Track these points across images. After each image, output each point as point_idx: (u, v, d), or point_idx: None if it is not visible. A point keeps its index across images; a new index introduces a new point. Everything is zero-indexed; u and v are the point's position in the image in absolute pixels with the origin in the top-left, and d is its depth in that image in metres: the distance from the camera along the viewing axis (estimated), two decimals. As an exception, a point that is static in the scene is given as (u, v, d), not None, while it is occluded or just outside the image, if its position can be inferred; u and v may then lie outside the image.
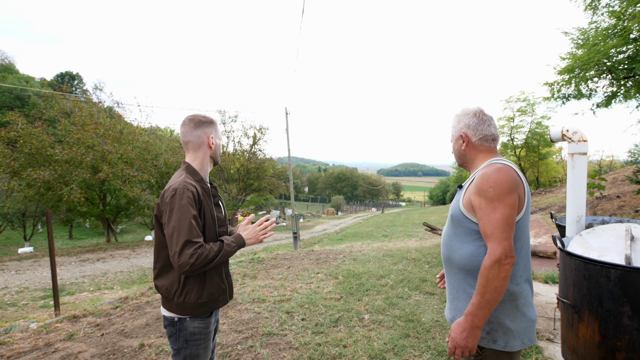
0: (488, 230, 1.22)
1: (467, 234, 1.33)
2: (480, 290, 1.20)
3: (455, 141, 1.51)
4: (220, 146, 1.67)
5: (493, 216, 1.21)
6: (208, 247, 1.39)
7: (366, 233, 16.88)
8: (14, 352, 2.97)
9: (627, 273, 1.72)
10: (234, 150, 26.33)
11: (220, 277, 1.54)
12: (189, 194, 1.40)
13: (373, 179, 79.50)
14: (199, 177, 1.53)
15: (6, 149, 14.43)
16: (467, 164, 1.50)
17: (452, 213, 1.38)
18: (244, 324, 3.39)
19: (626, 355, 1.73)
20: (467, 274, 1.33)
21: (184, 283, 1.44)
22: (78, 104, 17.25)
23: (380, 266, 5.44)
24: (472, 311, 1.21)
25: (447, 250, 1.41)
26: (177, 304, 1.45)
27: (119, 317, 3.80)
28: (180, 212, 1.37)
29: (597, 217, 2.80)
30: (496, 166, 1.27)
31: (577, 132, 2.41)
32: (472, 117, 1.45)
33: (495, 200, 1.21)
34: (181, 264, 1.31)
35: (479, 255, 1.28)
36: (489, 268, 1.18)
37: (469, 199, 1.31)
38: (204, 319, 1.51)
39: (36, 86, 44.56)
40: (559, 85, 11.85)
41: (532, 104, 22.92)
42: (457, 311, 1.37)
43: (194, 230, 1.37)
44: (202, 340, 1.50)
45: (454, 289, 1.40)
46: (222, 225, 1.57)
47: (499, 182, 1.22)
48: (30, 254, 13.89)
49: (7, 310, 5.94)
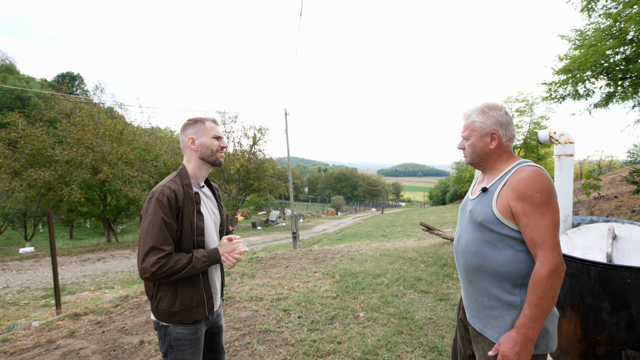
0: (538, 238, 1.16)
1: (501, 240, 1.26)
2: (535, 301, 1.14)
3: (479, 138, 1.35)
4: (212, 145, 1.55)
5: (542, 222, 1.16)
6: (175, 258, 1.34)
7: (365, 233, 16.95)
8: (17, 349, 3.04)
9: (606, 270, 1.79)
10: (234, 151, 26.42)
11: (194, 288, 1.46)
12: (164, 200, 1.36)
13: (373, 179, 79.57)
14: (187, 181, 1.49)
15: (7, 150, 14.52)
16: (486, 164, 1.39)
17: (483, 219, 1.28)
18: (241, 322, 3.46)
19: (605, 349, 1.80)
20: (503, 280, 1.27)
21: (157, 289, 1.43)
22: (78, 105, 17.33)
23: (377, 265, 5.51)
24: (526, 323, 1.15)
25: (477, 259, 1.32)
26: (154, 307, 1.45)
27: (119, 315, 3.88)
28: (152, 216, 1.34)
29: (585, 217, 2.88)
30: (536, 169, 1.21)
31: (564, 134, 2.48)
32: (504, 115, 1.34)
33: (543, 205, 1.16)
34: (142, 269, 1.28)
35: (517, 261, 1.24)
36: (547, 278, 1.13)
37: (506, 204, 1.23)
38: (188, 326, 1.46)
39: (37, 87, 44.68)
40: (557, 86, 11.94)
41: (530, 104, 22.99)
42: (488, 319, 1.30)
43: (162, 236, 1.33)
44: (187, 346, 1.46)
45: (484, 298, 1.32)
46: (200, 234, 1.48)
47: (545, 187, 1.17)
48: (31, 254, 13.97)
49: (9, 310, 6.02)
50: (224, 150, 1.60)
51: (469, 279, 1.38)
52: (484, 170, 1.43)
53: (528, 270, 1.24)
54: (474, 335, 1.40)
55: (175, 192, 1.41)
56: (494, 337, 1.29)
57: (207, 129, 1.55)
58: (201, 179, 1.60)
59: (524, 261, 1.23)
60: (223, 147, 1.58)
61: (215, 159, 1.57)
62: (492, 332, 1.29)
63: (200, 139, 1.53)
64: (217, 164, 1.58)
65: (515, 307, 1.25)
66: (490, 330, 1.30)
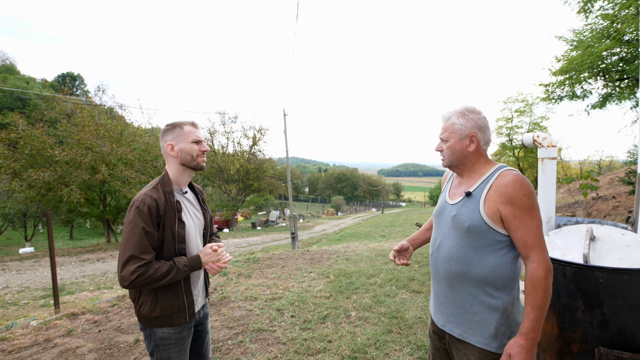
0: (530, 240, 1.20)
1: (488, 245, 1.28)
2: (537, 303, 1.16)
3: (458, 140, 1.37)
4: (192, 150, 1.53)
5: (532, 224, 1.20)
6: (155, 266, 1.36)
7: (364, 233, 17.02)
8: (15, 347, 3.12)
9: (580, 270, 1.85)
10: (234, 151, 26.52)
11: (175, 295, 1.47)
12: (144, 209, 1.37)
13: (373, 180, 79.64)
14: (169, 188, 1.50)
15: (7, 150, 14.62)
16: (464, 166, 1.41)
17: (470, 224, 1.29)
18: (235, 321, 3.53)
19: (580, 346, 1.86)
20: (487, 285, 1.28)
21: (139, 294, 1.47)
22: (79, 106, 17.43)
23: (371, 265, 5.58)
24: (534, 327, 1.16)
25: (462, 265, 1.32)
26: (136, 311, 1.49)
27: (116, 315, 3.95)
28: (132, 225, 1.36)
29: (571, 218, 2.94)
30: (518, 174, 1.26)
31: (547, 138, 2.55)
32: (483, 119, 1.37)
33: (531, 208, 1.20)
34: (121, 277, 1.31)
35: (502, 265, 1.26)
36: (545, 278, 1.16)
37: (495, 208, 1.25)
38: (173, 326, 1.49)
39: (37, 87, 44.79)
40: (554, 87, 12.00)
41: (530, 104, 23.05)
42: (471, 325, 1.31)
43: (142, 245, 1.34)
44: (172, 345, 1.49)
45: (467, 303, 1.33)
46: (182, 242, 1.49)
47: (531, 190, 1.22)
48: (31, 254, 14.06)
49: (9, 309, 6.09)
50: (205, 154, 1.59)
51: (451, 286, 1.37)
52: (462, 172, 1.43)
53: (510, 273, 1.28)
54: (453, 343, 1.39)
55: (157, 200, 1.43)
56: (477, 341, 1.29)
57: (185, 133, 1.53)
58: (184, 184, 1.61)
59: (507, 265, 1.27)
60: (204, 150, 1.57)
61: (197, 164, 1.56)
62: (475, 337, 1.30)
63: (180, 145, 1.52)
64: (199, 168, 1.58)
65: (498, 310, 1.27)
66: (472, 335, 1.31)
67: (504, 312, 1.27)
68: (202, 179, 28.10)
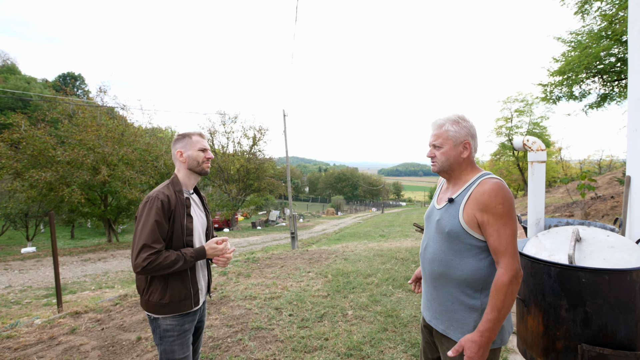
0: (501, 247, 1.25)
1: (467, 249, 1.35)
2: (497, 306, 1.22)
3: (453, 147, 1.42)
4: (198, 157, 1.72)
5: (504, 232, 1.25)
6: (165, 255, 1.51)
7: (364, 233, 17.10)
8: (20, 345, 3.20)
9: (564, 270, 1.93)
10: (234, 151, 26.59)
11: (183, 283, 1.63)
12: (157, 204, 1.55)
13: (373, 179, 79.69)
14: (179, 187, 1.68)
15: (9, 151, 14.71)
16: (454, 172, 1.47)
17: (450, 229, 1.36)
18: (234, 319, 3.62)
19: (564, 343, 1.95)
20: (466, 286, 1.36)
21: (149, 283, 1.60)
22: (81, 106, 17.51)
23: (369, 265, 5.66)
24: (489, 327, 1.23)
25: (442, 267, 1.40)
26: (145, 301, 1.62)
27: (118, 313, 4.04)
28: (146, 218, 1.53)
29: (562, 220, 3.02)
30: (497, 182, 1.31)
31: (536, 142, 2.63)
32: (474, 127, 1.44)
33: (505, 216, 1.26)
34: (135, 264, 1.47)
35: (480, 269, 1.34)
36: (509, 284, 1.22)
37: (472, 215, 1.31)
38: (177, 318, 1.63)
39: (38, 87, 44.89)
40: (552, 87, 12.06)
41: (530, 104, 23.10)
42: (451, 322, 1.40)
43: (154, 235, 1.50)
44: (175, 338, 1.62)
45: (448, 302, 1.41)
46: (189, 234, 1.66)
47: (507, 199, 1.27)
48: (32, 253, 14.16)
49: (12, 308, 6.19)
50: (210, 160, 1.78)
51: (434, 285, 1.46)
52: (450, 179, 1.50)
53: (488, 276, 1.35)
54: (438, 337, 1.48)
55: (169, 197, 1.60)
56: (457, 337, 1.37)
57: (193, 142, 1.73)
58: (190, 186, 1.78)
59: (485, 269, 1.34)
60: (209, 158, 1.76)
61: (202, 170, 1.75)
62: (455, 333, 1.38)
63: (188, 152, 1.72)
64: (204, 173, 1.76)
65: (476, 310, 1.36)
66: (453, 331, 1.40)
67: (481, 312, 1.34)
68: (203, 178, 28.23)
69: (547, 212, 13.14)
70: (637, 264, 1.95)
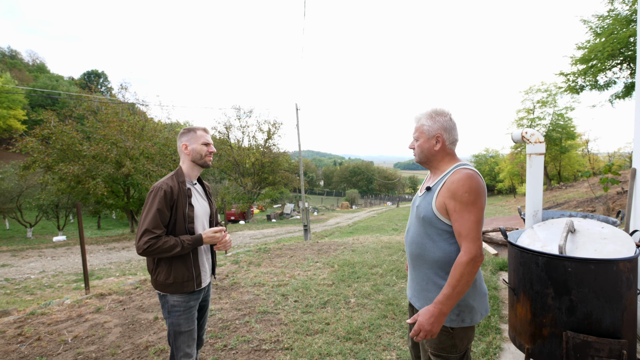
0: (464, 231, 1.35)
1: (439, 234, 1.45)
2: (452, 283, 1.32)
3: (426, 140, 1.53)
4: (201, 150, 1.86)
5: (468, 218, 1.34)
6: (164, 240, 1.66)
7: (377, 226, 17.14)
8: (53, 321, 3.55)
9: (551, 260, 1.99)
10: (249, 145, 27.03)
11: (185, 266, 1.78)
12: (161, 193, 1.70)
13: (389, 173, 78.92)
14: (182, 179, 1.83)
15: (40, 145, 15.63)
16: (432, 164, 1.57)
17: (425, 215, 1.47)
18: (243, 304, 3.84)
19: (550, 330, 2.01)
20: (438, 268, 1.47)
21: (156, 265, 1.77)
22: (104, 103, 18.30)
23: (375, 257, 5.77)
24: (442, 300, 1.33)
25: (418, 249, 1.52)
26: (154, 280, 1.80)
27: (138, 296, 4.35)
28: (150, 205, 1.69)
29: (565, 212, 3.02)
30: (468, 172, 1.39)
31: (534, 134, 2.64)
32: (448, 120, 1.52)
33: (470, 204, 1.34)
34: (137, 247, 1.64)
35: (450, 252, 1.44)
36: (465, 265, 1.31)
37: (442, 202, 1.41)
38: (182, 295, 1.79)
39: (65, 85, 46.90)
40: (575, 76, 11.57)
41: (553, 94, 22.17)
42: (426, 300, 1.51)
43: (155, 222, 1.66)
44: (181, 312, 1.79)
45: (423, 282, 1.53)
46: (191, 222, 1.80)
47: (473, 188, 1.35)
48: (63, 242, 15.09)
49: (45, 291, 6.71)
50: (212, 154, 1.93)
51: (413, 265, 1.59)
52: (430, 169, 1.61)
53: None
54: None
55: (172, 187, 1.75)
56: None
57: (197, 137, 1.87)
58: (194, 177, 1.94)
59: (455, 252, 1.43)
60: (211, 152, 1.91)
61: (204, 162, 1.89)
62: None
63: (192, 145, 1.86)
64: (206, 166, 1.91)
65: None
66: None
67: None
68: (219, 172, 28.88)
69: (569, 207, 12.73)
70: (627, 255, 1.98)
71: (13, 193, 16.87)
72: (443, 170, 1.53)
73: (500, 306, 3.42)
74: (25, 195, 17.42)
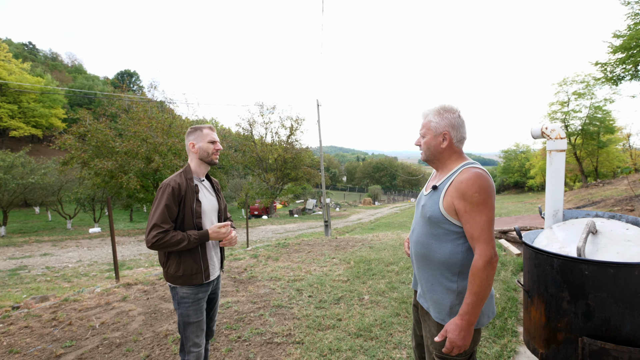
0: (476, 233, 1.30)
1: (445, 234, 1.41)
2: (475, 290, 1.28)
3: (433, 137, 1.49)
4: (208, 148, 1.92)
5: (480, 219, 1.30)
6: (171, 234, 1.74)
7: (399, 223, 16.92)
8: (83, 307, 3.82)
9: (566, 262, 1.90)
10: (272, 141, 27.40)
11: (194, 259, 1.85)
12: (169, 190, 1.77)
13: (413, 169, 77.31)
14: (190, 175, 1.90)
15: (77, 142, 16.68)
16: (439, 162, 1.53)
17: (431, 215, 1.43)
18: (259, 297, 3.95)
19: (565, 335, 1.93)
20: (444, 269, 1.43)
21: (167, 258, 1.85)
22: (135, 101, 19.20)
23: (393, 254, 5.72)
24: (469, 310, 1.29)
25: (424, 249, 1.48)
26: (165, 272, 1.88)
27: (161, 286, 4.58)
28: (158, 201, 1.77)
29: (591, 212, 2.86)
30: (477, 171, 1.35)
31: (555, 130, 2.51)
32: (457, 117, 1.47)
33: (481, 204, 1.30)
34: (146, 240, 1.73)
35: (457, 253, 1.40)
36: (483, 269, 1.27)
37: (451, 202, 1.37)
38: (191, 287, 1.86)
39: (99, 84, 49.57)
40: (613, 66, 10.77)
41: (591, 85, 20.74)
42: (432, 302, 1.47)
43: (163, 217, 1.73)
44: (190, 304, 1.86)
45: (429, 283, 1.49)
46: (198, 217, 1.87)
47: (483, 187, 1.31)
48: (98, 233, 16.08)
49: (81, 279, 7.21)
50: (218, 152, 1.98)
51: (419, 266, 1.56)
52: (437, 167, 1.56)
53: (465, 261, 1.42)
54: (422, 314, 1.60)
55: (180, 184, 1.83)
56: (434, 316, 1.48)
57: (204, 135, 1.93)
58: (202, 174, 2.00)
59: (462, 253, 1.40)
60: (217, 149, 1.97)
61: (211, 160, 1.95)
62: (434, 312, 1.48)
63: (199, 144, 1.92)
64: (212, 163, 1.97)
65: (453, 292, 1.43)
66: (433, 310, 1.50)
67: (458, 295, 1.42)
68: (244, 167, 29.50)
69: (606, 206, 11.93)
70: (653, 259, 1.85)
71: (54, 187, 18.11)
72: (450, 168, 1.49)
73: (518, 308, 3.30)
74: (65, 189, 18.66)
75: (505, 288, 3.77)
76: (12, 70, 33.68)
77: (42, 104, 36.40)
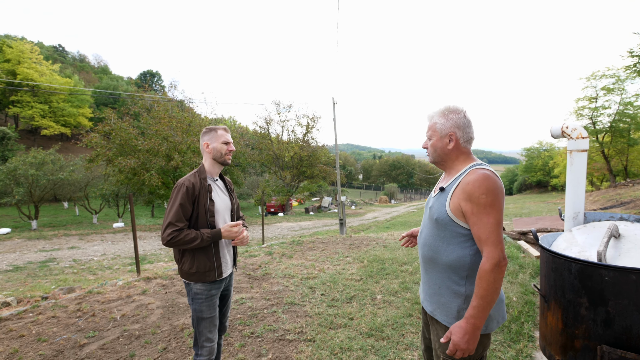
0: (483, 235, 1.28)
1: (453, 236, 1.39)
2: (481, 293, 1.26)
3: (439, 139, 1.48)
4: (221, 149, 1.97)
5: (487, 221, 1.27)
6: (185, 232, 1.80)
7: (416, 222, 16.68)
8: (105, 299, 4.01)
9: (585, 267, 1.83)
10: (288, 139, 27.58)
11: (207, 256, 1.91)
12: (183, 189, 1.83)
13: (430, 167, 75.85)
14: (204, 175, 1.95)
15: (103, 140, 17.39)
16: (446, 163, 1.51)
17: (438, 217, 1.42)
18: (272, 294, 4.01)
19: (582, 342, 1.86)
20: (451, 272, 1.41)
21: (181, 255, 1.92)
22: (156, 101, 19.80)
23: (407, 254, 5.66)
24: (475, 314, 1.27)
25: (431, 252, 1.47)
26: (179, 269, 1.95)
27: (179, 281, 4.73)
28: (173, 200, 1.83)
29: (615, 214, 2.74)
30: (484, 172, 1.33)
31: (576, 129, 2.41)
32: (462, 118, 1.46)
33: (488, 206, 1.28)
34: (162, 238, 1.80)
35: (465, 256, 1.38)
36: (490, 272, 1.25)
37: (457, 204, 1.35)
38: (205, 284, 1.93)
39: (123, 84, 51.34)
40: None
41: (622, 80, 19.66)
42: (438, 305, 1.46)
43: (178, 216, 1.80)
44: (203, 300, 1.93)
45: (435, 285, 1.48)
46: (212, 216, 1.92)
47: (491, 189, 1.28)
48: (122, 228, 16.72)
49: (105, 272, 7.53)
50: (231, 153, 2.03)
51: (425, 268, 1.54)
52: (445, 169, 1.54)
53: (473, 264, 1.39)
54: (429, 317, 1.59)
55: (194, 183, 1.89)
56: (442, 319, 1.47)
57: (218, 136, 1.98)
58: (215, 174, 2.05)
59: (470, 256, 1.38)
60: (230, 150, 2.02)
61: (224, 160, 2.00)
62: (441, 316, 1.46)
63: (213, 144, 1.98)
64: (226, 164, 2.02)
65: (460, 296, 1.41)
66: (439, 313, 1.48)
67: (465, 298, 1.40)
68: (260, 165, 29.87)
69: (636, 207, 11.34)
70: (680, 266, 1.75)
71: (81, 183, 19.01)
72: (458, 170, 1.47)
73: (535, 312, 3.20)
74: (91, 186, 19.53)
75: (522, 291, 3.67)
76: (43, 72, 35.42)
77: (70, 103, 38.09)
